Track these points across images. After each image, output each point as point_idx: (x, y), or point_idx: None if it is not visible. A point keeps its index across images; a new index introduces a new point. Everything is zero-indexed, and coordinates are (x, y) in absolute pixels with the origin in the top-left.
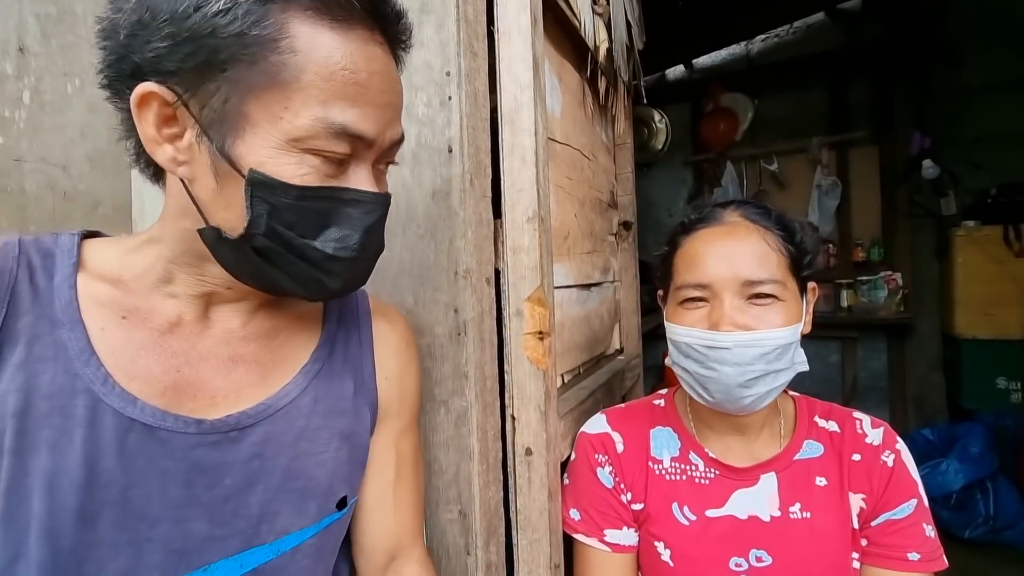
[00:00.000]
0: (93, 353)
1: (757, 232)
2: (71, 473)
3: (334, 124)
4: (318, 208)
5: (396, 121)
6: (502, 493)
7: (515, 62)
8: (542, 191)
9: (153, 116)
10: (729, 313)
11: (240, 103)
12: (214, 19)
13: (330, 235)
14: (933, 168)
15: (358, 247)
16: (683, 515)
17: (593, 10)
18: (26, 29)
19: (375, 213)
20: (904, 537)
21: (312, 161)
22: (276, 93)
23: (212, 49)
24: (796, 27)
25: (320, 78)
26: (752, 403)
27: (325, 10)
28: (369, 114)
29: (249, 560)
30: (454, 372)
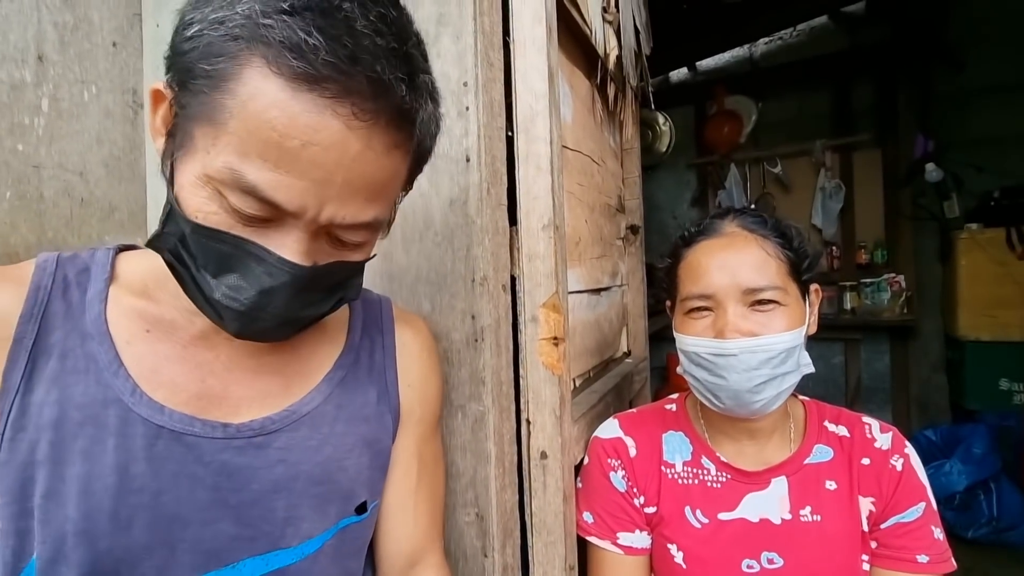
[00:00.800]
0: (121, 365)
1: (755, 241)
2: (104, 479)
3: (242, 180)
4: (218, 249)
5: (350, 203)
6: (518, 496)
7: (530, 72)
8: (557, 199)
9: (161, 110)
10: (733, 321)
11: (189, 124)
12: (185, 43)
13: (227, 280)
14: (936, 171)
15: (249, 303)
16: (695, 518)
17: (604, 18)
18: (44, 37)
19: (278, 278)
20: (913, 539)
21: (224, 204)
22: (210, 128)
23: (179, 69)
24: (799, 30)
25: (245, 130)
26: (762, 407)
27: (279, 62)
28: (290, 184)
29: (274, 560)
30: (471, 377)
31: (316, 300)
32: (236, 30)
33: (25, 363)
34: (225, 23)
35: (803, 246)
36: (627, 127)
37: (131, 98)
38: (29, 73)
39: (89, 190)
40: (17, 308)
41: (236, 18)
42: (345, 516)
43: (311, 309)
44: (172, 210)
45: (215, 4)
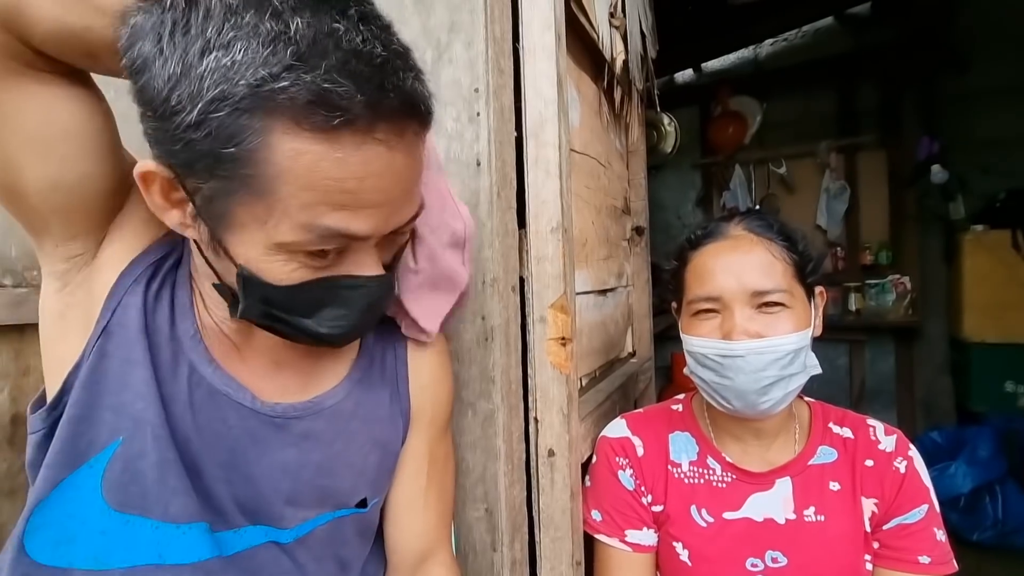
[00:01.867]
0: (195, 313)
1: (761, 244)
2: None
3: (318, 228)
4: (311, 295)
5: (404, 207)
6: (526, 492)
7: (540, 78)
8: (565, 202)
9: (156, 188)
10: (740, 323)
11: (224, 205)
12: (186, 132)
13: (325, 315)
14: (941, 173)
15: (351, 326)
16: (701, 517)
17: (611, 23)
18: None
19: (375, 294)
20: (915, 541)
21: (302, 259)
22: (257, 201)
23: (189, 159)
24: (804, 31)
25: (299, 189)
26: (769, 408)
27: (308, 119)
28: (361, 215)
29: (273, 534)
30: (481, 376)
31: (390, 301)
32: (244, 103)
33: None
34: (228, 100)
35: (808, 249)
36: (633, 129)
37: None
38: None
39: None
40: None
41: (239, 90)
42: (342, 507)
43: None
44: (247, 282)
45: (198, 77)
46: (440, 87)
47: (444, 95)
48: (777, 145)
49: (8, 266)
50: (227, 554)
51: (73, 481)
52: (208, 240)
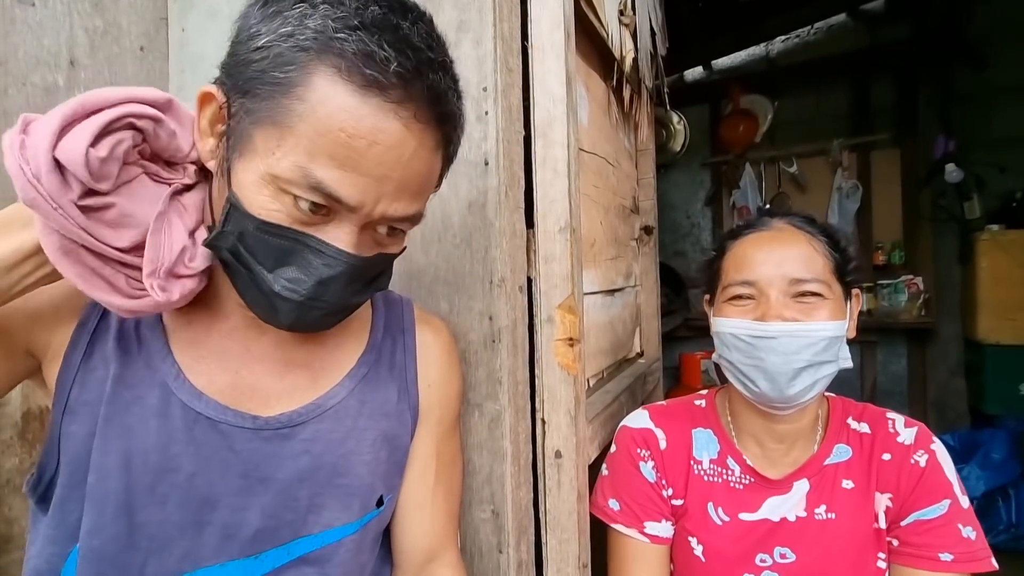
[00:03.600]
0: (170, 351)
1: (804, 236)
2: (147, 456)
3: (311, 177)
4: (279, 244)
5: (401, 198)
6: (532, 494)
7: (548, 77)
8: (573, 202)
9: (209, 112)
10: (776, 307)
11: (249, 127)
12: (253, 53)
13: (284, 273)
14: (957, 171)
15: (307, 293)
16: (717, 515)
17: (620, 21)
18: (76, 42)
19: (335, 268)
20: (936, 537)
21: (286, 201)
22: (276, 130)
23: (246, 77)
24: (817, 28)
25: (315, 131)
26: (797, 394)
27: (350, 71)
28: (354, 181)
29: (295, 549)
30: (488, 377)
31: (359, 290)
32: (306, 43)
33: (86, 344)
34: (294, 36)
35: (849, 249)
36: (642, 128)
37: None
38: (61, 77)
39: None
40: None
41: (306, 32)
42: (369, 511)
43: (354, 298)
44: (232, 209)
45: (283, 19)
46: None
47: None
48: (788, 144)
49: None
50: None
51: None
52: (221, 165)
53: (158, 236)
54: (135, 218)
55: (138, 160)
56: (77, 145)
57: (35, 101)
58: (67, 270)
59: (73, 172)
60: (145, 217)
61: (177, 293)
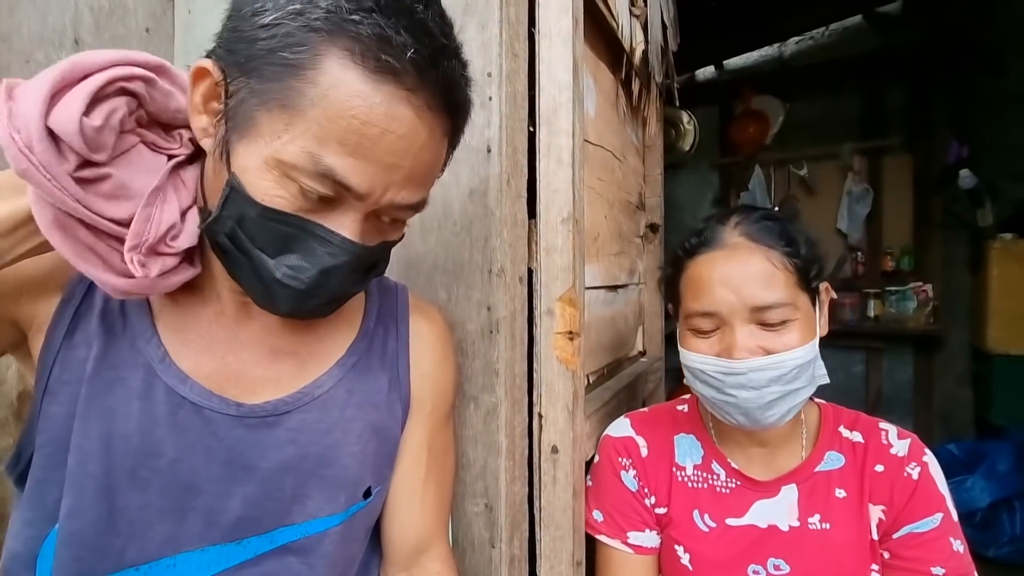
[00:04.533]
0: (155, 333)
1: (760, 252)
2: (129, 439)
3: (320, 164)
4: (281, 231)
5: (408, 186)
6: (527, 489)
7: (555, 64)
8: (577, 193)
9: (203, 88)
10: (741, 339)
11: (252, 108)
12: (259, 30)
13: (287, 260)
14: (970, 178)
15: (310, 282)
16: (703, 522)
17: (631, 12)
18: (81, 21)
19: (339, 257)
20: (928, 551)
21: (291, 188)
22: (283, 113)
23: (249, 55)
24: (832, 30)
25: (326, 117)
26: (775, 422)
27: (363, 56)
28: (364, 169)
29: (279, 537)
30: (485, 369)
31: (359, 279)
32: (317, 23)
33: (70, 321)
34: (304, 15)
35: (812, 251)
36: (650, 124)
37: None
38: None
39: None
40: (69, 270)
41: (317, 11)
42: (355, 503)
43: (354, 287)
44: (232, 193)
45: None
46: None
47: None
48: (799, 146)
49: None
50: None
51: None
52: (218, 146)
53: (149, 209)
54: (133, 189)
55: (135, 129)
56: (70, 113)
57: None
58: (60, 244)
59: (68, 142)
60: (143, 188)
61: (156, 270)
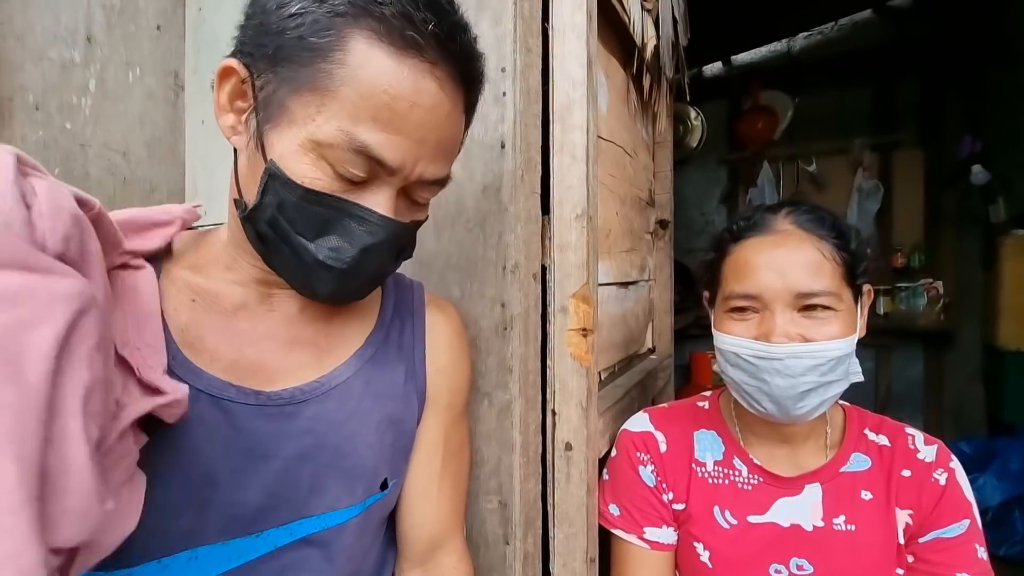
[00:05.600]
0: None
1: (810, 241)
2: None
3: (356, 141)
4: (320, 213)
5: (436, 160)
6: (541, 486)
7: (569, 59)
8: (591, 189)
9: (229, 87)
10: (781, 325)
11: (284, 96)
12: (286, 20)
13: (327, 242)
14: (983, 173)
15: (351, 261)
16: (724, 519)
17: (643, 7)
18: (93, 19)
19: (378, 235)
20: (954, 556)
21: (327, 170)
22: (315, 96)
23: (278, 45)
24: (841, 24)
25: (358, 95)
26: (804, 414)
27: (388, 34)
28: (397, 143)
29: (298, 530)
30: (499, 366)
31: (394, 258)
32: (341, 7)
33: None
34: (328, 1)
35: (861, 247)
36: (660, 120)
37: (172, 81)
38: (78, 54)
39: (131, 170)
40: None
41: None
42: (372, 494)
43: (389, 267)
44: (271, 179)
45: None
46: None
47: None
48: (808, 141)
49: None
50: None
51: None
52: (251, 140)
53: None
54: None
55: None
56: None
57: (51, 77)
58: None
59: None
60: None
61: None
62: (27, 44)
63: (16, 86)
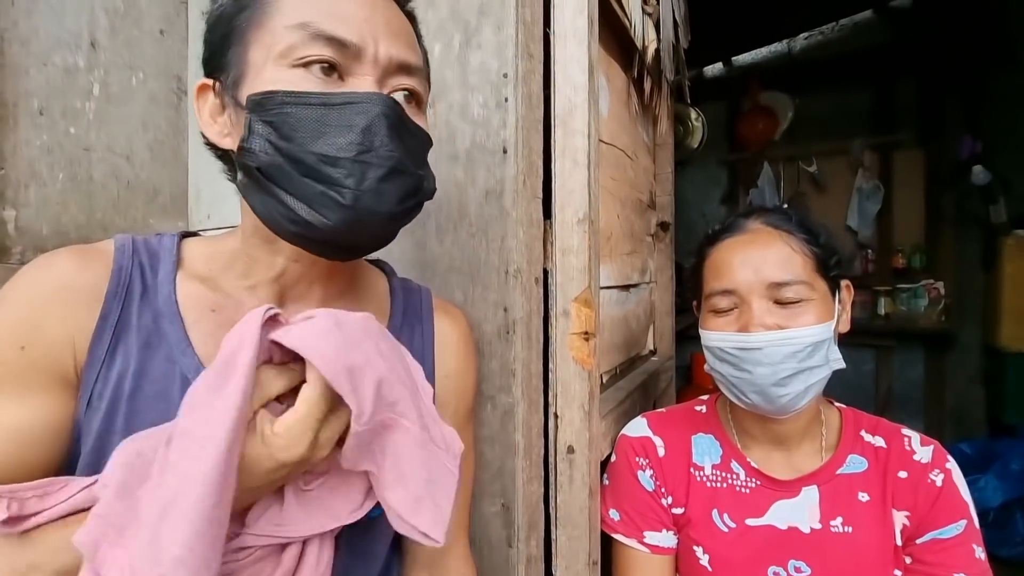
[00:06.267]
0: (189, 344)
1: (779, 237)
2: None
3: (308, 28)
4: (308, 115)
5: (393, 38)
6: (543, 489)
7: (570, 64)
8: (592, 193)
9: (207, 104)
10: (758, 315)
11: (242, 53)
12: (216, 10)
13: (326, 141)
14: (983, 173)
15: (357, 147)
16: (723, 522)
17: (643, 11)
18: (97, 24)
19: (371, 112)
20: (951, 557)
21: (299, 72)
22: (263, 28)
23: (221, 23)
24: (842, 24)
25: (298, 3)
26: (789, 402)
27: None
28: (345, 18)
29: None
30: (501, 369)
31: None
32: None
33: (110, 338)
34: None
35: (831, 241)
36: (661, 122)
37: (175, 84)
38: (82, 58)
39: (135, 173)
40: (104, 285)
41: None
42: None
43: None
44: (253, 108)
45: None
46: (468, 72)
47: (472, 80)
48: (808, 142)
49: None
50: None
51: None
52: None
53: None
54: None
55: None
56: None
57: (55, 81)
58: None
59: None
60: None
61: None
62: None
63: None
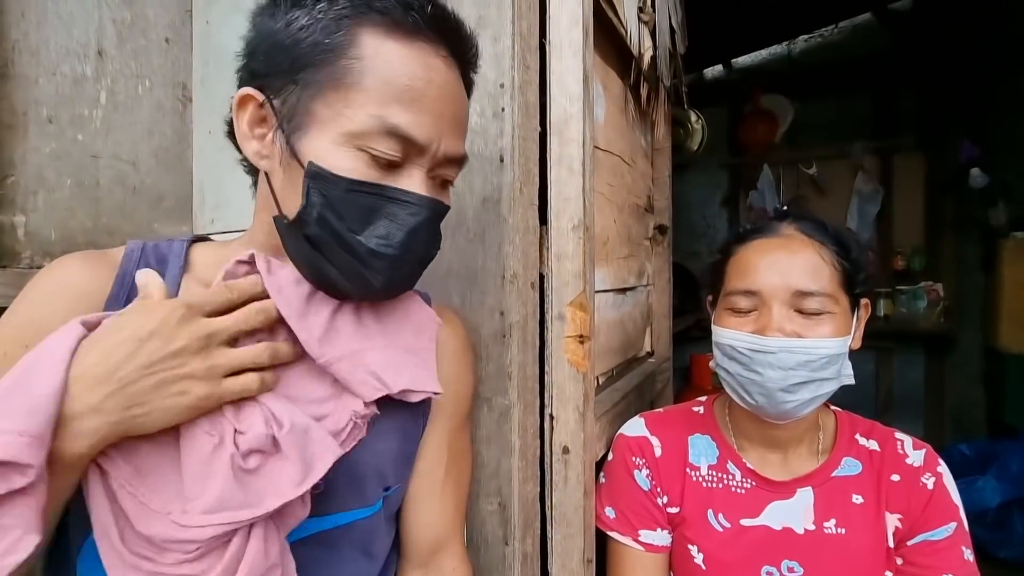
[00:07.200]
0: None
1: (812, 246)
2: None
3: (387, 123)
4: (364, 203)
5: (454, 134)
6: (539, 488)
7: (566, 75)
8: (588, 200)
9: (247, 116)
10: (777, 320)
11: (309, 102)
12: (298, 32)
13: (375, 231)
14: (981, 176)
15: (400, 245)
16: (718, 522)
17: (639, 19)
18: (104, 34)
19: (420, 215)
20: (941, 559)
21: (363, 158)
22: (340, 93)
23: (294, 56)
24: (841, 27)
25: (380, 82)
26: (793, 408)
27: (393, 26)
28: (422, 120)
29: (310, 527)
30: (498, 372)
31: (436, 241)
32: (345, 10)
33: None
34: (332, 7)
35: (861, 258)
36: (659, 127)
37: (180, 92)
38: (90, 68)
39: (140, 179)
40: (106, 290)
41: (342, 2)
42: (377, 499)
43: (431, 250)
44: (313, 179)
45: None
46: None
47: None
48: (809, 145)
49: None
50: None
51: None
52: (282, 155)
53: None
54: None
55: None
56: None
57: (64, 90)
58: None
59: None
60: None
61: None
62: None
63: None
